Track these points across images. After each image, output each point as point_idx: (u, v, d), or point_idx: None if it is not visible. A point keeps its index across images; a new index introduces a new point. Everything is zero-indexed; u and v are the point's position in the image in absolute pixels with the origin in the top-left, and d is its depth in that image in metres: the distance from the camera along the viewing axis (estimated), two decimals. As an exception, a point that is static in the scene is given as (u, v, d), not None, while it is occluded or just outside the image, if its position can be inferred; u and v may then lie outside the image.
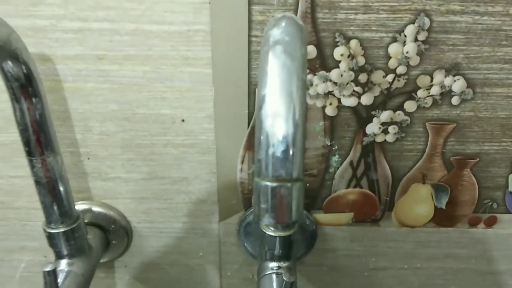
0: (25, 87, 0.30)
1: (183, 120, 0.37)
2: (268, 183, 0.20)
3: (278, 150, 0.20)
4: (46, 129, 0.32)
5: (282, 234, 0.35)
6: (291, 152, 0.20)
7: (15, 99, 0.30)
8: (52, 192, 0.33)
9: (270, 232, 0.35)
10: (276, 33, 0.22)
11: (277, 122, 0.20)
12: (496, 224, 0.42)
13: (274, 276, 0.35)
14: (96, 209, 0.40)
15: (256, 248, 0.42)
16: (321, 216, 0.41)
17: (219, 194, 0.40)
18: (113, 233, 0.41)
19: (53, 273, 0.32)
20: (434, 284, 0.45)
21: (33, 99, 0.30)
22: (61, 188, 0.34)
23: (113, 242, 0.42)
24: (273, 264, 0.36)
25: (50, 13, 0.33)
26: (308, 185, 0.40)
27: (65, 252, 0.36)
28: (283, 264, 0.36)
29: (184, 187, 0.40)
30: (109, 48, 0.34)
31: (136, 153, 0.38)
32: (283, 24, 0.22)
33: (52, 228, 0.35)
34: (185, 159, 0.39)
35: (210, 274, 0.45)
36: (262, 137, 0.20)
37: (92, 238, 0.39)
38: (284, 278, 0.31)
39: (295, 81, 0.20)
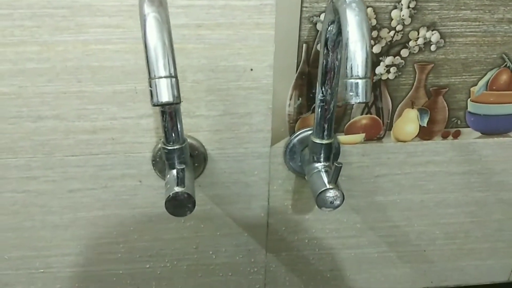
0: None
1: (251, 69, 0.53)
2: (354, 80, 0.37)
3: (360, 62, 0.37)
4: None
5: (326, 141, 0.52)
6: (366, 63, 0.37)
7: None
8: (172, 120, 0.48)
9: (318, 140, 0.52)
10: (349, -2, 0.38)
11: (358, 47, 0.37)
12: (460, 136, 0.61)
13: (322, 172, 0.52)
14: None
15: (298, 164, 0.58)
16: (342, 138, 0.59)
17: (272, 124, 0.56)
18: (196, 157, 0.56)
19: (183, 171, 0.47)
20: (419, 185, 0.64)
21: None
22: (178, 117, 0.49)
23: (195, 164, 0.57)
24: (319, 164, 0.53)
25: (168, -6, 0.47)
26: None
27: (176, 164, 0.50)
28: (326, 164, 0.53)
29: (247, 120, 0.56)
30: (206, 18, 0.49)
31: (216, 96, 0.54)
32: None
33: (170, 146, 0.49)
34: (251, 98, 0.54)
35: (262, 188, 0.61)
36: (348, 55, 0.37)
37: (186, 159, 0.54)
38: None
39: (365, 23, 0.37)
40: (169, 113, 0.48)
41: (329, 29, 0.45)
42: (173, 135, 0.49)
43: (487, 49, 0.55)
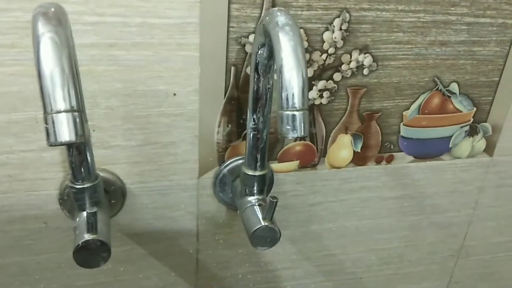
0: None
1: (174, 94, 0.47)
2: (290, 112, 0.33)
3: (296, 92, 0.33)
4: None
5: (259, 173, 0.47)
6: (303, 93, 0.33)
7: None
8: (81, 154, 0.41)
9: (250, 172, 0.47)
10: (281, 19, 0.34)
11: (293, 75, 0.33)
12: (394, 160, 0.59)
13: (255, 206, 0.48)
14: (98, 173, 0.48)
15: (229, 196, 0.53)
16: (275, 166, 0.54)
17: (200, 153, 0.51)
18: (112, 193, 0.49)
19: (95, 215, 0.40)
20: (354, 211, 0.61)
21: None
22: (88, 150, 0.42)
23: (112, 201, 0.50)
24: (252, 198, 0.48)
25: (73, 9, 0.41)
26: (267, 140, 0.52)
27: (87, 205, 0.43)
28: (260, 197, 0.48)
29: (172, 149, 0.50)
30: (120, 37, 0.43)
31: (134, 123, 0.47)
32: (283, 13, 0.35)
33: (79, 184, 0.42)
34: (174, 126, 0.49)
35: (189, 223, 0.55)
36: (283, 84, 0.33)
37: (100, 197, 0.47)
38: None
39: (300, 48, 0.33)
40: (76, 147, 0.41)
41: (259, 52, 0.41)
42: (83, 171, 0.42)
43: (419, 72, 0.54)
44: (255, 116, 0.44)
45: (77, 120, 0.28)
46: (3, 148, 0.45)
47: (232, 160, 0.52)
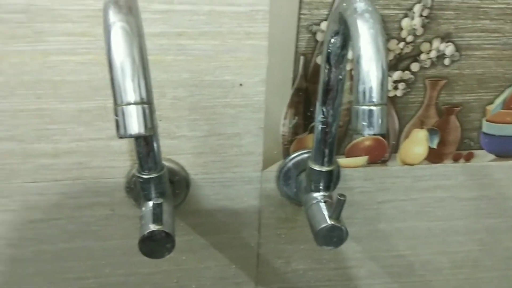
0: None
1: (241, 84, 0.46)
2: (367, 107, 0.30)
3: (375, 85, 0.30)
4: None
5: (326, 169, 0.45)
6: (382, 86, 0.30)
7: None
8: (148, 144, 0.41)
9: (317, 167, 0.45)
10: (360, 5, 0.31)
11: (372, 67, 0.30)
12: (473, 159, 0.54)
13: (321, 203, 0.45)
14: (164, 163, 0.48)
15: (293, 190, 0.52)
16: (343, 160, 0.52)
17: (264, 146, 0.49)
18: (177, 183, 0.49)
19: (160, 206, 0.39)
20: (425, 211, 0.57)
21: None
22: (155, 141, 0.41)
23: (176, 191, 0.49)
24: (318, 194, 0.46)
25: (143, -3, 0.40)
26: (335, 134, 0.50)
27: (153, 195, 0.43)
28: (326, 193, 0.46)
29: (236, 141, 0.49)
30: (188, 26, 0.42)
31: (200, 114, 0.47)
32: (364, 2, 0.32)
33: (146, 174, 0.42)
34: (240, 117, 0.47)
35: (252, 216, 0.54)
36: (361, 76, 0.30)
37: (165, 187, 0.47)
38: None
39: (381, 38, 0.30)
40: (144, 137, 0.41)
41: (332, 41, 0.38)
42: (149, 162, 0.42)
43: (506, 63, 0.49)
44: (324, 109, 0.42)
45: (147, 112, 0.28)
46: (74, 136, 0.46)
47: (297, 153, 0.50)
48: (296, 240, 0.57)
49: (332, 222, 0.42)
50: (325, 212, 0.44)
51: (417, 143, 0.52)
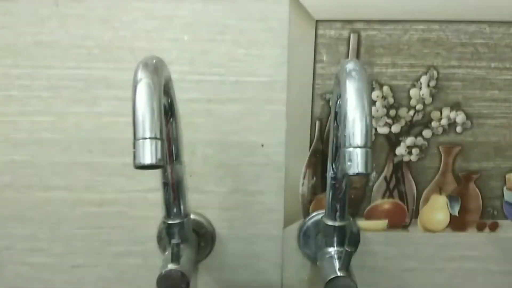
0: (168, 112, 0.44)
1: (262, 145, 0.51)
2: (353, 149, 0.34)
3: (359, 130, 0.34)
4: (177, 144, 0.46)
5: (339, 224, 0.48)
6: (366, 131, 0.34)
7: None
8: (175, 192, 0.46)
9: (330, 222, 0.48)
10: (350, 65, 0.37)
11: (357, 114, 0.34)
12: (498, 229, 0.54)
13: (334, 258, 0.47)
14: (192, 216, 0.52)
15: (313, 250, 0.54)
16: (362, 223, 0.54)
17: (285, 204, 0.53)
18: (203, 236, 0.53)
19: (178, 246, 0.44)
20: (455, 284, 0.56)
21: (171, 121, 0.45)
22: (181, 190, 0.47)
23: (202, 244, 0.53)
24: (332, 249, 0.48)
25: (180, 69, 0.48)
26: (353, 196, 0.53)
27: (176, 240, 0.48)
28: (340, 249, 0.48)
29: (259, 198, 0.53)
30: (217, 93, 0.49)
31: (226, 171, 0.52)
32: (352, 61, 0.37)
33: (171, 220, 0.47)
34: (262, 175, 0.52)
35: (274, 275, 0.56)
36: (347, 122, 0.34)
37: (191, 237, 0.51)
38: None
39: (365, 90, 0.35)
40: (172, 185, 0.46)
41: (338, 102, 0.43)
42: (175, 208, 0.47)
43: (522, 132, 0.50)
44: (334, 166, 0.45)
45: (159, 147, 0.33)
46: (116, 187, 0.52)
47: (316, 213, 0.53)
48: (320, 305, 0.57)
49: (341, 274, 0.44)
50: (336, 265, 0.45)
51: (437, 209, 0.53)
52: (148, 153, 0.33)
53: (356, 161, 0.33)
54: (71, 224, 0.54)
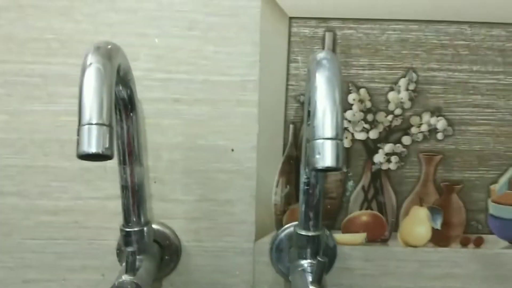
0: (127, 107, 0.41)
1: (232, 150, 0.48)
2: (321, 141, 0.31)
3: (329, 120, 0.31)
4: (138, 143, 0.42)
5: (312, 234, 0.44)
6: (336, 121, 0.31)
7: (119, 116, 0.41)
8: (134, 197, 0.43)
9: (303, 232, 0.44)
10: (320, 55, 0.34)
11: (327, 104, 0.31)
12: (483, 245, 0.51)
13: (305, 271, 0.43)
14: (155, 226, 0.48)
15: (286, 265, 0.50)
16: (339, 236, 0.50)
17: (256, 215, 0.49)
18: (167, 249, 0.49)
19: (134, 254, 0.39)
20: (438, 304, 0.52)
21: (131, 116, 0.41)
22: (141, 195, 0.43)
23: (166, 257, 0.49)
24: (305, 262, 0.44)
25: (145, 66, 0.45)
26: (329, 206, 0.49)
27: (134, 247, 0.43)
28: (313, 261, 0.44)
29: (228, 208, 0.49)
30: (184, 93, 0.46)
31: (193, 178, 0.48)
32: (323, 51, 0.35)
33: (129, 227, 0.43)
34: (232, 183, 0.48)
35: (244, 294, 0.52)
36: (316, 112, 0.31)
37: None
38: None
39: (336, 78, 0.32)
40: (131, 188, 0.43)
41: (309, 98, 0.40)
42: (134, 215, 0.43)
43: (506, 140, 0.48)
44: (307, 170, 0.42)
45: (106, 134, 0.30)
46: (73, 194, 0.48)
47: (290, 225, 0.49)
48: (294, 327, 0.53)
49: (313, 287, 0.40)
50: (308, 279, 0.41)
51: (419, 222, 0.50)
52: (94, 141, 0.29)
53: (325, 154, 0.30)
54: (23, 234, 0.49)
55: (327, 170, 0.30)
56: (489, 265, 0.51)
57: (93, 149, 0.29)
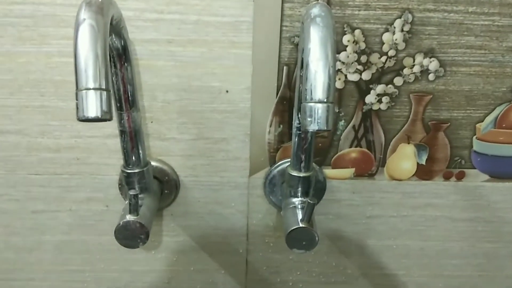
0: (121, 56, 0.41)
1: (227, 91, 0.48)
2: (313, 104, 0.32)
3: (320, 84, 0.32)
4: (133, 90, 0.43)
5: (303, 174, 0.46)
6: (328, 85, 0.32)
7: (113, 64, 0.41)
8: (132, 140, 0.44)
9: (295, 173, 0.46)
10: (315, 10, 0.34)
11: (319, 67, 0.32)
12: (465, 178, 0.54)
13: (297, 208, 0.46)
14: (154, 163, 0.51)
15: (278, 198, 0.53)
16: (329, 171, 0.53)
17: (251, 152, 0.51)
18: (166, 184, 0.52)
19: (136, 197, 0.42)
20: (418, 230, 0.57)
21: (126, 65, 0.41)
22: (139, 138, 0.44)
23: (165, 191, 0.52)
24: (296, 200, 0.47)
25: (135, 6, 0.44)
26: (320, 145, 0.51)
27: (137, 189, 0.46)
28: (304, 199, 0.47)
29: (223, 146, 0.51)
30: (177, 34, 0.45)
31: (188, 118, 0.49)
32: (318, 5, 0.34)
33: (130, 169, 0.45)
34: (226, 122, 0.50)
35: (240, 222, 0.55)
36: (308, 75, 0.32)
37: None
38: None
39: (330, 40, 0.32)
40: (129, 133, 0.44)
41: (303, 49, 0.40)
42: (133, 157, 0.45)
43: (495, 81, 0.49)
44: (299, 115, 0.43)
45: (105, 99, 0.31)
46: (73, 132, 0.50)
47: (283, 161, 0.51)
48: (285, 250, 0.58)
49: (303, 225, 0.43)
50: (299, 216, 0.45)
51: (405, 158, 0.52)
52: (93, 105, 0.30)
53: (316, 117, 0.31)
54: (27, 170, 0.52)
55: (317, 131, 0.31)
56: (469, 196, 0.55)
57: (92, 114, 0.30)
